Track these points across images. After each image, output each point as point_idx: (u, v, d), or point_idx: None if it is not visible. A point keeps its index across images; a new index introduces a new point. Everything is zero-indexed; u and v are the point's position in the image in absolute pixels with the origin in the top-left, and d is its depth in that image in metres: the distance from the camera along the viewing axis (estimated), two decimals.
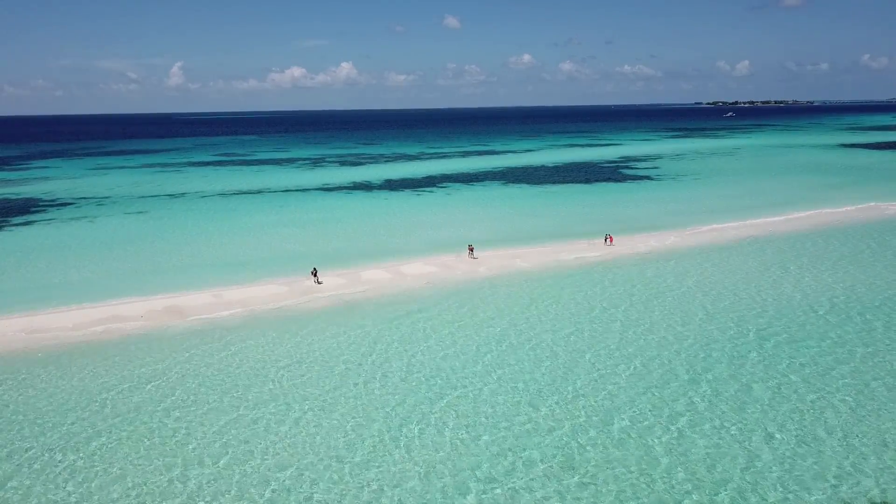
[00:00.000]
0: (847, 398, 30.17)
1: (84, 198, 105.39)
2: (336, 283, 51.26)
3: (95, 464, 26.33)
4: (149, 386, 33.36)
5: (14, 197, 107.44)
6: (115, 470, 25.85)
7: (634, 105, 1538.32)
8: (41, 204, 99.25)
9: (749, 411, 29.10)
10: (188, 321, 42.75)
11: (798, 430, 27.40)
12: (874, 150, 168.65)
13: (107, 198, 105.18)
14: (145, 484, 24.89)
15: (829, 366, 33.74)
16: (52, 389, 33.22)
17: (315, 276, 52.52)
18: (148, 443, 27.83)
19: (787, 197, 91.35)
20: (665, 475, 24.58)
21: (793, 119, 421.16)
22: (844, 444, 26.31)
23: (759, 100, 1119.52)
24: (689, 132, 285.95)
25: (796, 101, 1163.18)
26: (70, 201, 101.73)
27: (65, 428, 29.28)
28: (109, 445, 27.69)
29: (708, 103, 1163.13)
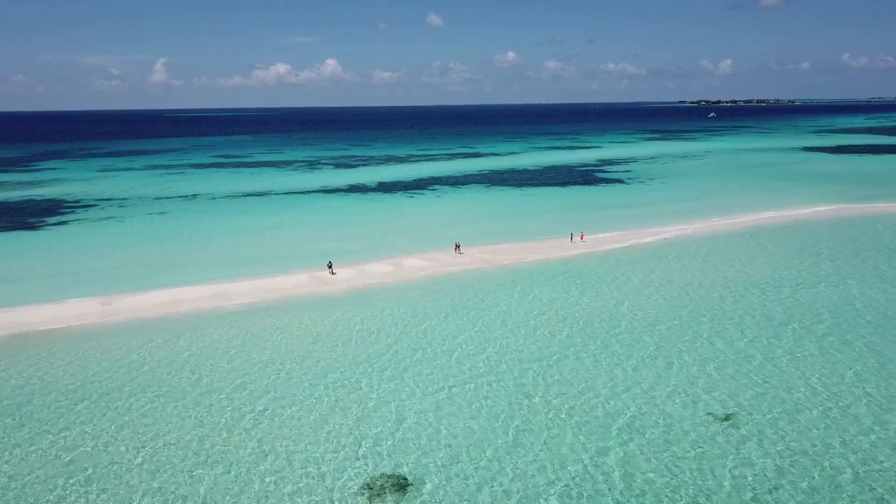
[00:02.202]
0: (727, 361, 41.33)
1: (103, 199, 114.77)
2: (348, 275, 61.69)
3: (157, 406, 36.72)
4: (216, 351, 43.71)
5: (38, 198, 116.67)
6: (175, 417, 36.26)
7: (619, 104, 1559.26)
8: (66, 205, 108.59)
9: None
10: (234, 304, 53.20)
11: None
12: (833, 155, 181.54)
13: (126, 199, 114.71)
14: (198, 417, 35.28)
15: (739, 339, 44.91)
16: (118, 356, 43.29)
17: (330, 268, 62.89)
18: (214, 398, 38.21)
19: (740, 201, 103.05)
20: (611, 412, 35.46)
21: (769, 120, 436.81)
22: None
23: (742, 99, 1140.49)
24: (667, 134, 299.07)
25: (778, 100, 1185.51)
26: (91, 203, 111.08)
27: (129, 382, 39.54)
28: (171, 394, 38.03)
29: (691, 102, 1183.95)
